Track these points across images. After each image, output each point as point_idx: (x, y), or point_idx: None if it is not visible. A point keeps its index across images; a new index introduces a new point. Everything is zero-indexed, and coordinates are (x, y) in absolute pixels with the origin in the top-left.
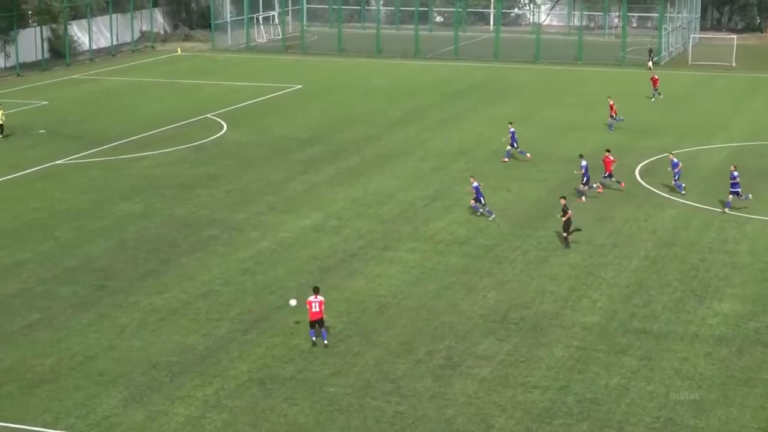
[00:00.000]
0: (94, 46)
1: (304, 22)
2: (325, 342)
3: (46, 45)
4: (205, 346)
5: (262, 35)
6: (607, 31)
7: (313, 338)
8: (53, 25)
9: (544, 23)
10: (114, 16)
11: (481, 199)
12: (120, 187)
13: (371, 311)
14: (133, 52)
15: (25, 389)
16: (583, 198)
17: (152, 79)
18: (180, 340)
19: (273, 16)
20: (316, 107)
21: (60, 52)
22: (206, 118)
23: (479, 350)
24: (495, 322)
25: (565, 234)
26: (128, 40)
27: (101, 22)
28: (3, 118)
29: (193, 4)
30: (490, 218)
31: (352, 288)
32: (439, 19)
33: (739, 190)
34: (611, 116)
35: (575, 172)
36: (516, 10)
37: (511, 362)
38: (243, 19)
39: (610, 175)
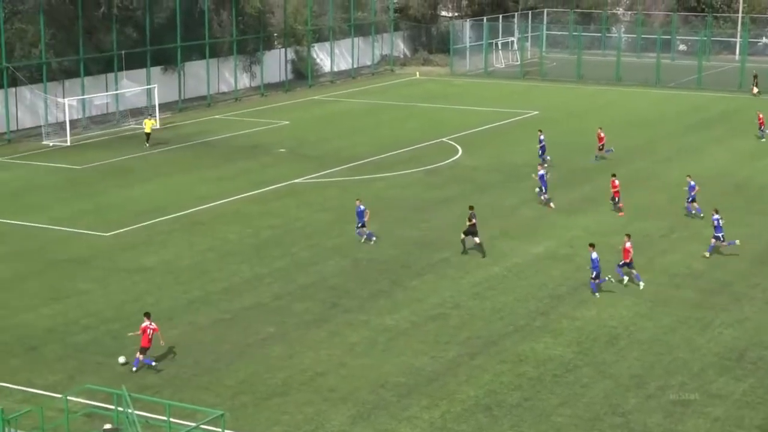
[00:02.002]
0: (335, 69)
1: (544, 48)
2: (153, 363)
3: (289, 66)
4: (433, 369)
5: (500, 61)
6: None
7: (135, 368)
8: (297, 48)
9: None
10: (355, 39)
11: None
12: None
13: (602, 342)
14: (373, 74)
15: (258, 401)
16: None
17: (390, 102)
18: (408, 361)
19: (512, 41)
20: (552, 134)
21: (302, 73)
22: (442, 141)
23: (713, 388)
24: (731, 360)
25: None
26: (368, 63)
27: (343, 45)
28: (152, 128)
29: (433, 29)
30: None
31: (583, 317)
32: (682, 47)
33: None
34: (599, 148)
35: (533, 176)
36: (764, 39)
37: (746, 403)
38: (482, 44)
39: (615, 199)
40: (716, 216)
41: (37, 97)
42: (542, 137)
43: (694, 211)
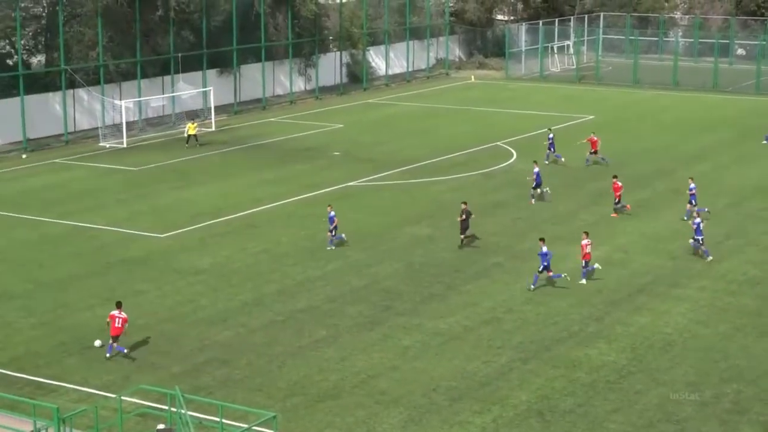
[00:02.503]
0: (390, 72)
1: (600, 52)
2: (125, 351)
3: (344, 70)
4: (486, 373)
5: (556, 65)
6: None
7: (117, 351)
8: (352, 51)
9: None
10: (411, 42)
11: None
12: (410, 211)
13: (656, 348)
14: (428, 78)
15: (310, 403)
16: (533, 201)
17: (445, 106)
18: (461, 365)
19: (568, 45)
20: (608, 138)
21: (357, 76)
22: (497, 145)
23: None
24: None
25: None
26: (423, 66)
27: (398, 49)
28: (196, 131)
29: (489, 33)
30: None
31: (637, 324)
32: (740, 51)
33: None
34: (590, 152)
35: (528, 178)
36: None
37: None
38: (537, 48)
39: (619, 201)
40: (697, 220)
41: (94, 99)
42: (551, 135)
43: (692, 216)
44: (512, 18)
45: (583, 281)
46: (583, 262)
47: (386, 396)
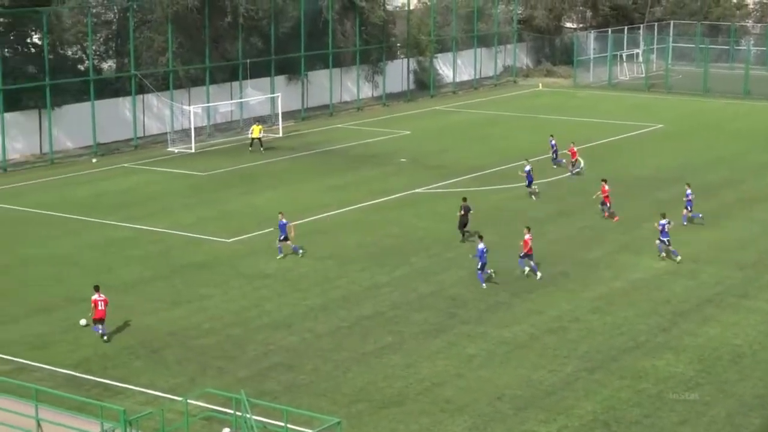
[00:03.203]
0: (458, 79)
1: (669, 61)
2: (105, 338)
3: (412, 77)
4: (551, 383)
5: (624, 73)
6: None
7: (99, 332)
8: (420, 58)
9: None
10: (478, 50)
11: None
12: (475, 218)
13: (725, 360)
14: (495, 86)
15: (374, 410)
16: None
17: (512, 113)
18: (526, 374)
19: (637, 53)
20: (677, 147)
21: (425, 83)
22: (564, 153)
23: None
24: None
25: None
26: (491, 74)
27: (465, 56)
28: (262, 133)
29: (557, 41)
30: None
31: (706, 335)
32: None
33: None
34: (572, 163)
35: (520, 173)
36: None
37: None
38: (606, 56)
39: (605, 204)
40: (663, 221)
41: (163, 104)
42: (554, 142)
43: (686, 221)
44: (581, 25)
45: (528, 271)
46: (523, 253)
47: (451, 404)
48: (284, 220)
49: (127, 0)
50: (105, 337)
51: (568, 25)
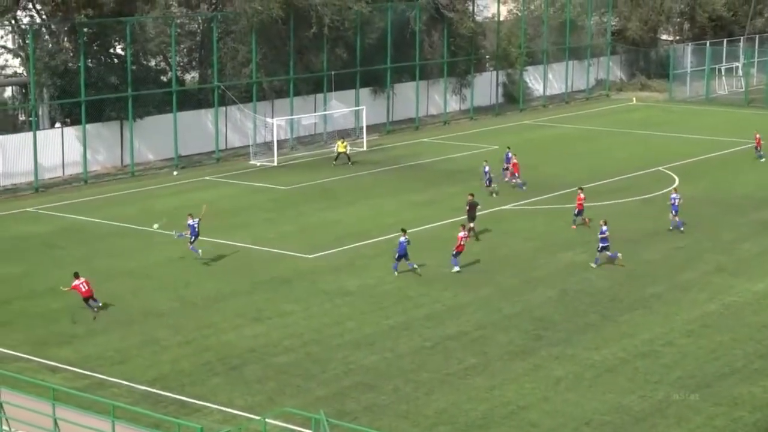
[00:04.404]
0: (548, 93)
1: None
2: (96, 309)
3: (500, 90)
4: (641, 408)
5: (723, 87)
6: None
7: (94, 307)
8: (509, 71)
9: None
10: (570, 63)
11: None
12: (564, 236)
13: None
14: (587, 99)
15: None
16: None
17: (605, 128)
18: (615, 399)
19: (736, 67)
20: None
21: (514, 97)
22: (658, 170)
23: None
24: None
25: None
26: (582, 87)
27: (556, 69)
28: (347, 148)
29: (652, 53)
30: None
31: None
32: None
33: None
34: (513, 173)
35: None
36: None
37: None
38: (704, 69)
39: (580, 212)
40: (604, 227)
41: (246, 116)
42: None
43: (672, 227)
44: (677, 38)
45: (457, 269)
46: (455, 251)
47: (537, 428)
48: (192, 221)
49: (211, 10)
50: (96, 310)
51: (664, 37)
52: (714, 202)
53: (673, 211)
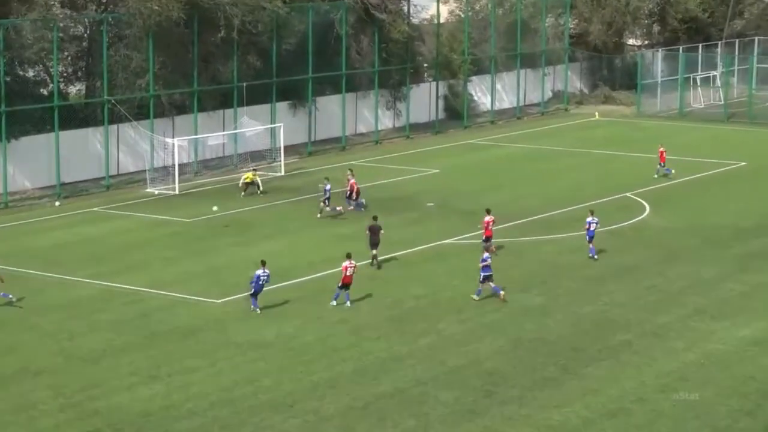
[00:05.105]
0: (497, 107)
1: (753, 85)
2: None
3: (441, 104)
4: None
5: (699, 100)
6: None
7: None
8: (451, 81)
9: None
10: (522, 72)
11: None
12: (517, 275)
13: None
14: (542, 114)
15: None
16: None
17: (562, 148)
18: None
19: (714, 76)
20: (763, 189)
21: (457, 112)
22: (625, 197)
23: None
24: None
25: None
26: (537, 100)
27: (506, 79)
28: (257, 178)
29: (617, 61)
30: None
31: None
32: None
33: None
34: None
35: (320, 185)
36: None
37: None
38: (676, 79)
39: (489, 239)
40: (486, 255)
41: (142, 136)
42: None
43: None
44: (646, 43)
45: (334, 303)
46: (342, 284)
47: None
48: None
49: (100, 11)
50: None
51: (631, 42)
52: (691, 234)
53: (588, 237)
